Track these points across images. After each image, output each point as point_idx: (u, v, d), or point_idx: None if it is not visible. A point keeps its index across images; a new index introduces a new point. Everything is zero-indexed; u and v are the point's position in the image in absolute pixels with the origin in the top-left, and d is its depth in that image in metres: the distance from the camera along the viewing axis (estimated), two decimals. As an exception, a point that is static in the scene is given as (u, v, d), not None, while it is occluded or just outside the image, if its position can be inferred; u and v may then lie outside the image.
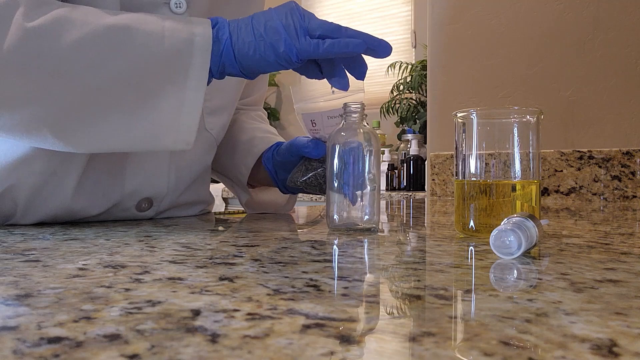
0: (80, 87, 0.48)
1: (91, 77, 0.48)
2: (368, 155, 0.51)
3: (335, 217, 0.51)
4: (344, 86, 0.54)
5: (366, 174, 0.51)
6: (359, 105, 0.52)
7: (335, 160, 0.51)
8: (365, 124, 0.52)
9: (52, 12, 0.47)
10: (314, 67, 0.56)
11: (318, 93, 0.61)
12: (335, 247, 0.43)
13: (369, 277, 0.31)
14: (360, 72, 0.55)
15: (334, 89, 0.58)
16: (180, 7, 0.59)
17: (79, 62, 0.47)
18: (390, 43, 0.53)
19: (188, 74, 0.50)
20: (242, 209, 0.83)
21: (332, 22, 0.51)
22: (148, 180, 0.63)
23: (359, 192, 0.51)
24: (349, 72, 0.55)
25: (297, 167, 0.66)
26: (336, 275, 0.31)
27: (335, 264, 0.35)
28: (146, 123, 0.50)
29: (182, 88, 0.50)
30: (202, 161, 0.71)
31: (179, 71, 0.50)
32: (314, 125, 0.61)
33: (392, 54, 0.54)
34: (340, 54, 0.50)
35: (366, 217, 0.51)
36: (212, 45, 0.50)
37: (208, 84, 0.53)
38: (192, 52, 0.50)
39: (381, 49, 0.52)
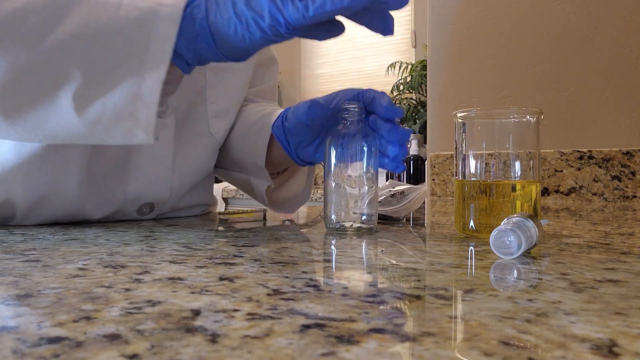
0: (19, 61, 0.42)
1: (32, 49, 0.42)
2: (366, 155, 0.51)
3: (333, 217, 0.51)
4: (384, 30, 0.43)
5: (364, 173, 0.51)
6: (356, 105, 0.52)
7: (333, 160, 0.51)
8: (364, 124, 0.52)
9: None
10: (322, 29, 0.44)
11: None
12: (335, 247, 0.43)
13: (368, 277, 0.31)
14: (385, 26, 0.43)
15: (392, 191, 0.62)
16: None
17: (18, 32, 0.42)
18: (390, 43, 0.52)
19: (148, 48, 0.42)
20: (242, 209, 0.82)
21: None
22: (151, 186, 0.62)
23: (357, 192, 0.51)
24: (373, 30, 0.44)
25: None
26: (336, 275, 0.31)
27: (335, 264, 0.35)
28: (95, 105, 0.43)
29: (139, 65, 0.42)
30: (205, 166, 0.69)
31: (136, 44, 0.42)
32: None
33: (392, 54, 0.52)
34: (336, 11, 0.40)
35: (364, 217, 0.51)
36: (184, 23, 0.43)
37: (188, 73, 0.47)
38: (154, 22, 0.42)
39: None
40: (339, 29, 0.45)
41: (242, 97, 0.72)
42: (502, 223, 0.38)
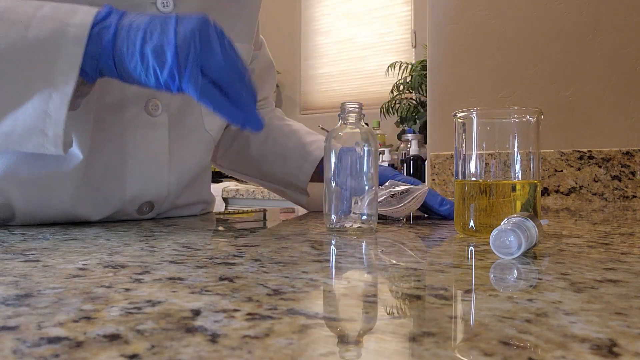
0: None
1: None
2: (366, 155, 0.51)
3: (333, 217, 0.51)
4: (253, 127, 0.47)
5: (364, 173, 0.51)
6: (356, 105, 0.52)
7: (333, 160, 0.51)
8: (363, 124, 0.52)
9: None
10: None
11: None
12: (334, 247, 0.43)
13: (368, 277, 0.31)
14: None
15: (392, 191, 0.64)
16: (166, 6, 0.57)
17: None
18: (390, 43, 0.53)
19: (55, 68, 0.43)
20: (243, 209, 0.83)
21: (236, 64, 0.45)
22: (148, 184, 0.62)
23: (357, 192, 0.51)
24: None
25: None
26: (336, 275, 0.31)
27: (335, 264, 0.35)
28: (9, 121, 0.44)
29: (48, 84, 0.43)
30: (201, 162, 0.71)
31: (43, 65, 0.43)
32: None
33: (392, 54, 0.54)
34: (219, 113, 0.45)
35: (364, 217, 0.51)
36: (89, 42, 0.43)
37: (92, 82, 0.47)
38: (61, 44, 0.43)
39: (253, 126, 0.46)
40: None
41: None
42: (502, 223, 0.38)
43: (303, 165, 0.75)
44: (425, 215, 0.72)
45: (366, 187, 0.51)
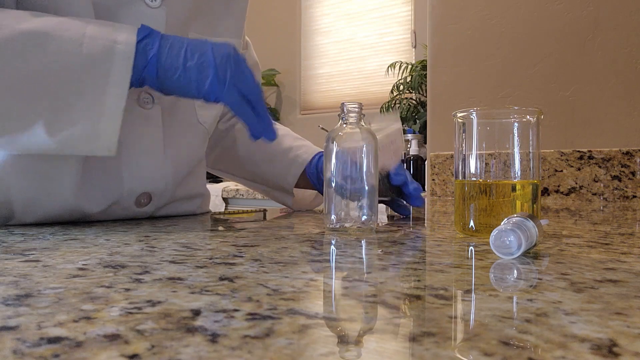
0: None
1: (4, 82, 0.47)
2: (366, 155, 0.51)
3: (333, 217, 0.51)
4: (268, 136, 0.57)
5: (364, 173, 0.51)
6: (356, 105, 0.52)
7: (333, 160, 0.51)
8: (363, 124, 0.52)
9: None
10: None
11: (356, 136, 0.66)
12: (334, 247, 0.43)
13: (368, 277, 0.31)
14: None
15: (372, 124, 0.63)
16: (154, 0, 0.59)
17: None
18: (390, 43, 0.55)
19: (108, 81, 0.49)
20: (243, 209, 0.84)
21: (259, 85, 0.55)
22: (145, 174, 0.64)
23: (356, 192, 0.51)
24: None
25: None
26: (336, 275, 0.31)
27: (335, 264, 0.35)
28: (66, 130, 0.49)
29: (102, 95, 0.49)
30: (197, 153, 0.73)
31: (98, 78, 0.49)
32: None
33: (392, 54, 0.55)
34: (246, 122, 0.55)
35: (364, 217, 0.51)
36: (136, 56, 0.50)
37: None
38: (112, 59, 0.49)
39: (268, 136, 0.56)
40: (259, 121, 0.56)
41: None
42: (502, 223, 0.38)
43: (290, 168, 0.78)
44: (402, 216, 0.71)
45: (366, 187, 0.51)
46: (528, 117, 0.48)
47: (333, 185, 0.51)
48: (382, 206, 0.77)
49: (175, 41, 0.52)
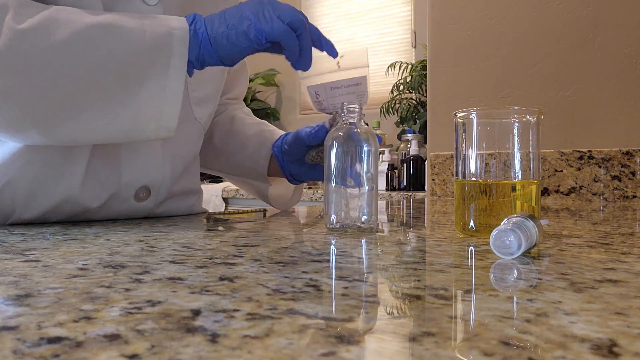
0: (66, 83, 0.51)
1: (78, 72, 0.51)
2: (366, 155, 0.51)
3: (333, 217, 0.51)
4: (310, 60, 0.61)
5: (364, 173, 0.51)
6: (356, 105, 0.52)
7: (333, 160, 0.51)
8: (363, 124, 0.52)
9: (39, 14, 0.50)
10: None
11: (323, 67, 0.65)
12: (334, 247, 0.43)
13: (368, 277, 0.31)
14: (331, 50, 0.63)
15: (339, 63, 0.63)
16: None
17: (66, 59, 0.50)
18: (390, 43, 0.56)
19: (170, 63, 0.54)
20: (242, 209, 0.84)
21: (299, 14, 0.58)
22: (143, 167, 0.65)
23: (357, 192, 0.51)
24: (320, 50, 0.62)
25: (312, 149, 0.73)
26: (336, 275, 0.31)
27: (335, 264, 0.35)
28: (130, 111, 0.53)
29: (165, 76, 0.54)
30: (193, 149, 0.74)
31: (161, 61, 0.54)
32: (317, 97, 0.65)
33: (392, 54, 0.56)
34: (290, 52, 0.59)
35: (364, 217, 0.51)
36: (190, 38, 0.55)
37: (191, 75, 0.58)
38: (172, 44, 0.54)
39: (303, 66, 0.61)
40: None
41: (220, 86, 0.78)
42: (502, 223, 0.38)
43: (261, 149, 0.78)
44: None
45: (366, 187, 0.51)
46: (528, 117, 0.48)
47: (333, 185, 0.51)
48: (382, 205, 0.77)
49: (214, 15, 0.57)
